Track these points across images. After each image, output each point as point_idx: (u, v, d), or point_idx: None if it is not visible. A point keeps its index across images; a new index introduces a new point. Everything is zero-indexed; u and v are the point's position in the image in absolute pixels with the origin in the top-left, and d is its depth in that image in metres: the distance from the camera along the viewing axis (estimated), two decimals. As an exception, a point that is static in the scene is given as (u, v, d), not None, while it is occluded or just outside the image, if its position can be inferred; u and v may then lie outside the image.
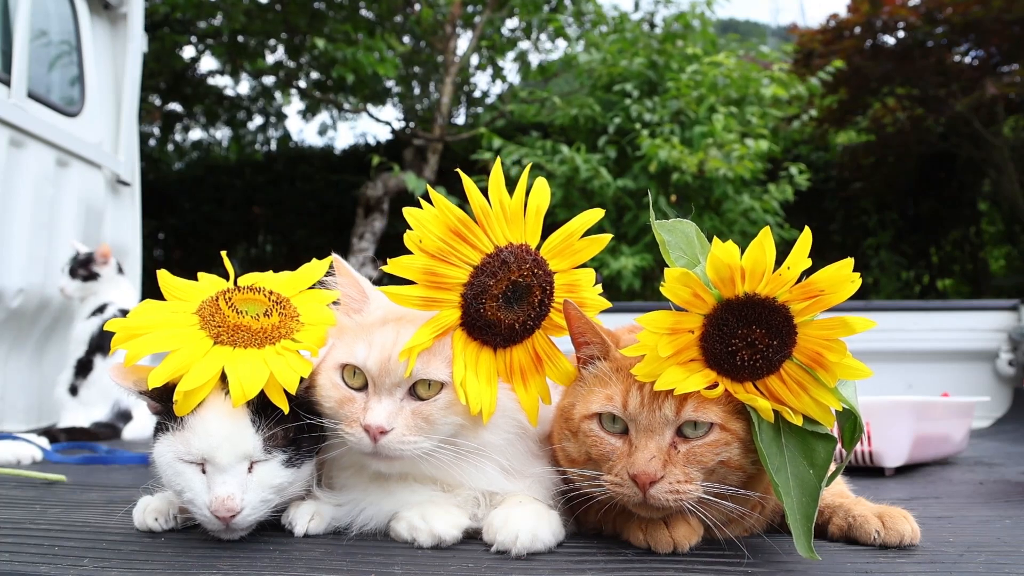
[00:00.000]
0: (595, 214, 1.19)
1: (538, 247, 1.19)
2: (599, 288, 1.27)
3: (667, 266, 1.11)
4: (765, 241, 1.00)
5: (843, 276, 1.00)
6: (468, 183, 1.15)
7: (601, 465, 1.11)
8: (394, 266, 1.13)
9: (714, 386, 1.07)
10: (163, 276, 1.29)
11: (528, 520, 1.10)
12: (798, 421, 1.06)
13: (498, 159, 1.24)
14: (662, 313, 1.06)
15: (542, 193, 1.18)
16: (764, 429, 1.07)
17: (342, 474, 1.23)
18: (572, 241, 1.20)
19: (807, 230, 1.01)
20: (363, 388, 1.15)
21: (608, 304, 1.28)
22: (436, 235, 1.14)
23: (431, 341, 1.14)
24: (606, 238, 1.23)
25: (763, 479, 1.11)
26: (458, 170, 1.25)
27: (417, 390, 1.14)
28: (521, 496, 1.17)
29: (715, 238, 1.04)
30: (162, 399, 1.14)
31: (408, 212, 1.14)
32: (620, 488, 1.07)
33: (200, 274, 1.34)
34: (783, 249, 0.99)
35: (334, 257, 1.28)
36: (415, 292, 1.14)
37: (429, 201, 1.15)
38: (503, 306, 1.16)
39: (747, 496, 1.10)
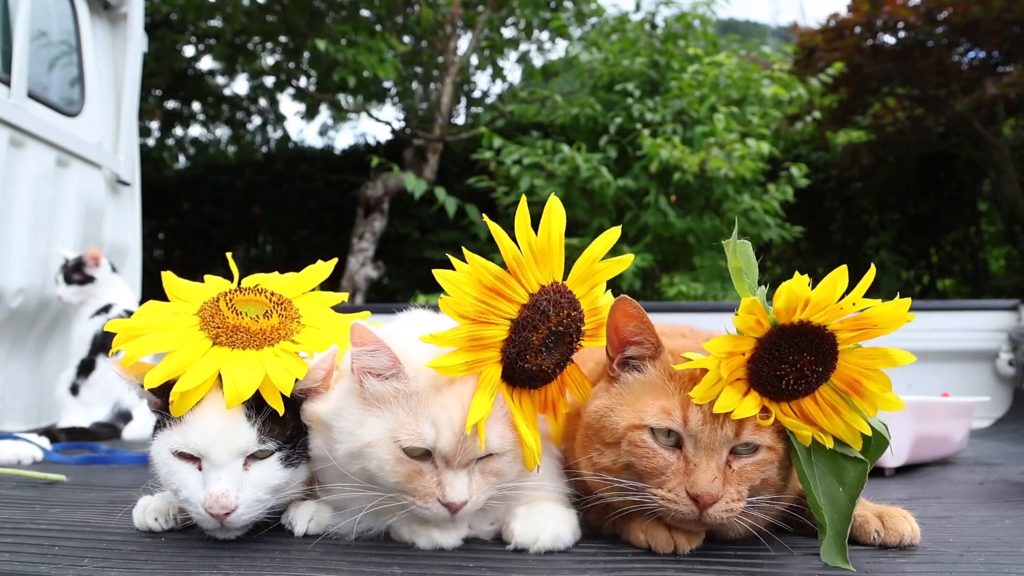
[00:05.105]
0: (613, 234, 1.14)
1: (564, 277, 1.15)
2: (609, 294, 1.25)
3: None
4: (839, 279, 1.00)
5: (900, 315, 1.02)
6: (497, 232, 1.09)
7: (648, 478, 1.08)
8: (440, 340, 1.07)
9: (767, 413, 1.07)
10: (168, 278, 1.29)
11: (548, 522, 1.11)
12: (829, 443, 1.07)
13: (523, 198, 1.14)
14: (724, 338, 1.05)
15: (559, 217, 1.11)
16: (799, 449, 1.09)
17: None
18: (594, 267, 1.17)
19: (872, 268, 1.02)
20: (426, 457, 1.09)
21: None
22: (473, 297, 1.09)
23: (491, 406, 1.09)
24: (627, 259, 1.20)
25: (787, 492, 1.13)
26: (484, 216, 1.17)
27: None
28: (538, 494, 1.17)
29: (796, 273, 1.02)
30: (164, 395, 1.14)
31: (441, 276, 1.07)
32: (675, 505, 1.05)
33: (206, 276, 1.33)
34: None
35: (358, 324, 1.10)
36: (459, 360, 1.08)
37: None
38: (543, 353, 1.13)
39: (778, 509, 1.12)
